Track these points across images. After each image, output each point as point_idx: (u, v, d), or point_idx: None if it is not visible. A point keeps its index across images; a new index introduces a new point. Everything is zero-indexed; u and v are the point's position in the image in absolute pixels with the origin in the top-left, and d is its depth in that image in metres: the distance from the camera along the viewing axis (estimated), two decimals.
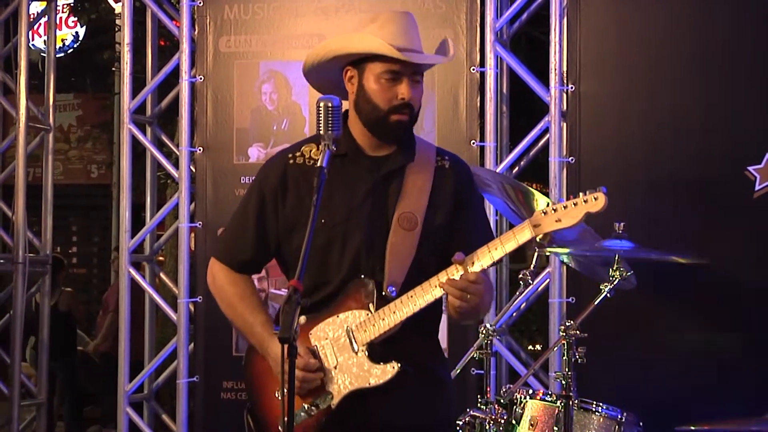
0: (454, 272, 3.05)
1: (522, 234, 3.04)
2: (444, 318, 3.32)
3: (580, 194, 3.00)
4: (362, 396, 3.11)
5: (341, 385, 3.11)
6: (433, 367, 3.27)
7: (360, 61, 3.17)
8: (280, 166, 3.26)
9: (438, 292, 3.07)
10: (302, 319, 3.14)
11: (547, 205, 3.06)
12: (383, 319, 3.09)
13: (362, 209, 3.17)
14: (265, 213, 3.25)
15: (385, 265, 3.13)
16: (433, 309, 3.16)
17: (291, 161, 3.25)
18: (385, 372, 3.09)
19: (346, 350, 3.12)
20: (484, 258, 3.05)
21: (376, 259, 3.14)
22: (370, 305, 3.11)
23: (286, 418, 2.72)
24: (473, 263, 3.05)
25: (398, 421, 3.16)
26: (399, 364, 3.08)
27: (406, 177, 3.20)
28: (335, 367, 3.12)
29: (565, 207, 3.01)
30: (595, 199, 2.98)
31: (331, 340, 3.14)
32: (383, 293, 3.12)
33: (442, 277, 3.06)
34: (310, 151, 3.25)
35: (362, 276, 3.13)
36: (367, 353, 3.11)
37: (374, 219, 3.16)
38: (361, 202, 3.17)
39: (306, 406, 3.12)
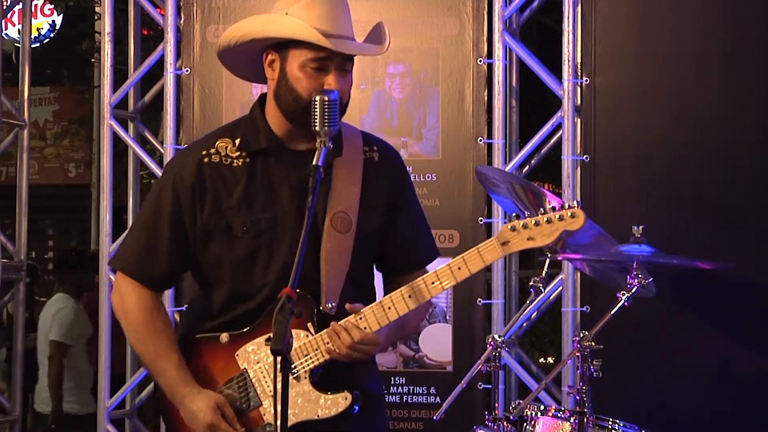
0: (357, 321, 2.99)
1: (489, 253, 2.97)
2: (449, 328, 3.32)
3: (555, 207, 2.91)
4: (307, 428, 3.03)
5: None
6: (371, 386, 3.22)
7: (283, 45, 3.07)
8: (194, 164, 3.13)
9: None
10: (224, 336, 3.10)
11: (517, 217, 2.95)
12: (329, 344, 3.01)
13: (288, 213, 3.08)
14: (182, 219, 3.13)
15: (321, 276, 3.05)
16: None
17: (206, 159, 3.13)
18: (336, 404, 3.04)
19: None
20: (446, 279, 2.99)
21: (309, 269, 3.03)
22: (309, 325, 3.04)
23: None
24: (433, 283, 2.99)
25: None
26: (351, 395, 3.03)
27: (334, 173, 3.12)
28: (273, 396, 2.97)
29: (536, 224, 2.92)
30: (572, 216, 2.89)
31: (266, 365, 3.06)
32: (321, 309, 3.05)
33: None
34: (226, 147, 3.15)
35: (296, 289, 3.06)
36: (310, 380, 3.04)
37: (303, 223, 3.06)
38: (286, 204, 3.09)
39: None
